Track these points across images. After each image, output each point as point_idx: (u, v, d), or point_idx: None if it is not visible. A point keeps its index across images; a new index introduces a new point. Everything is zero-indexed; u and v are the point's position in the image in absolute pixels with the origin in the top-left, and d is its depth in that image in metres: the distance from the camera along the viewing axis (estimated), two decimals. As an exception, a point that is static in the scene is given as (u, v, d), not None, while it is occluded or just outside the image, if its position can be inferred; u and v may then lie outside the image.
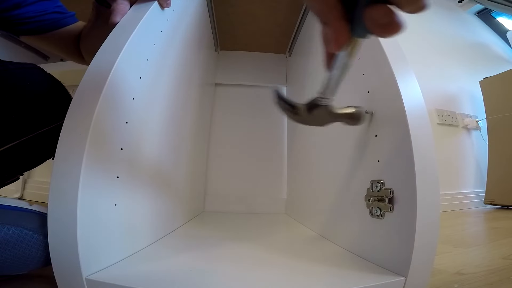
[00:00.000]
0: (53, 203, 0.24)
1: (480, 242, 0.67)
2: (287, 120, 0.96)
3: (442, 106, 1.43)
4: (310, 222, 0.56)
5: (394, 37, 0.16)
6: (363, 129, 0.36)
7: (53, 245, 0.24)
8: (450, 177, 1.35)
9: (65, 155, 0.24)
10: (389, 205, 0.29)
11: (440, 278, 0.39)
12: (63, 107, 0.39)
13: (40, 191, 0.98)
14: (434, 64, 1.52)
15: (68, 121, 0.26)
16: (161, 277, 0.26)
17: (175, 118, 0.50)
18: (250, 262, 0.32)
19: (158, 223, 0.42)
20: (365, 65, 0.36)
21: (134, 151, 0.33)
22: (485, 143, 1.42)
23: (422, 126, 0.28)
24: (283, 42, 0.91)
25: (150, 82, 0.37)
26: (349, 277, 0.27)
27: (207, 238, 0.46)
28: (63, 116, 0.27)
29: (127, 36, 0.31)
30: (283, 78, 0.98)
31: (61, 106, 0.39)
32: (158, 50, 0.39)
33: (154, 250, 0.35)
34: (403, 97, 0.28)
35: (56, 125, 0.37)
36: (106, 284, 0.23)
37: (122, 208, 0.30)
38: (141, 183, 0.36)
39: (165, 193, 0.45)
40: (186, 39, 0.55)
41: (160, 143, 0.42)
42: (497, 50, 1.94)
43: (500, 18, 1.96)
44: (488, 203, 1.31)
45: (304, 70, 0.71)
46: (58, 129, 0.36)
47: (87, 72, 0.28)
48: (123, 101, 0.31)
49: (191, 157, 0.64)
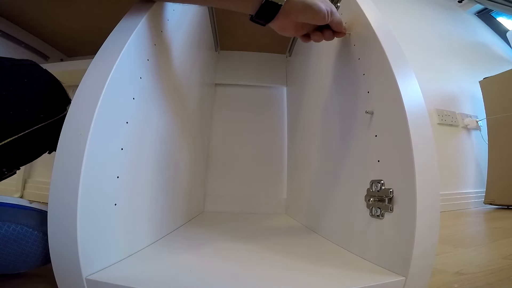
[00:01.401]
0: (53, 203, 0.24)
1: (480, 242, 0.67)
2: (287, 120, 0.96)
3: (442, 106, 1.43)
4: (310, 222, 0.56)
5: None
6: (363, 129, 0.36)
7: (53, 245, 0.24)
8: (450, 177, 1.35)
9: (65, 155, 0.24)
10: (389, 205, 0.29)
11: (440, 278, 0.39)
12: (60, 103, 0.40)
13: (40, 191, 0.98)
14: (434, 64, 1.52)
15: (69, 121, 0.26)
16: (161, 277, 0.26)
17: (175, 118, 0.50)
18: (250, 262, 0.32)
19: (158, 223, 0.42)
20: (365, 65, 0.36)
21: (134, 151, 0.33)
22: (485, 143, 1.42)
23: (422, 126, 0.28)
24: (283, 42, 0.91)
25: (150, 82, 0.37)
26: (349, 277, 0.27)
27: (207, 238, 0.46)
28: (60, 111, 0.27)
29: (127, 36, 0.31)
30: (283, 78, 0.98)
31: (57, 101, 0.39)
32: (158, 50, 0.39)
33: (154, 250, 0.36)
34: (403, 97, 0.28)
35: (53, 120, 0.38)
36: (106, 284, 0.23)
37: (122, 208, 0.30)
38: (141, 183, 0.36)
39: (165, 193, 0.45)
40: (186, 39, 0.55)
41: (160, 143, 0.42)
42: (497, 50, 1.94)
43: (500, 18, 1.96)
44: (488, 203, 1.31)
45: (304, 70, 0.71)
46: (55, 124, 0.36)
47: (87, 72, 0.28)
48: (123, 101, 0.31)
49: (191, 157, 0.64)
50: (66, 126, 0.25)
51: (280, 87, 1.00)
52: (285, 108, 0.98)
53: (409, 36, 1.50)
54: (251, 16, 0.36)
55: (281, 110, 0.98)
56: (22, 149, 0.36)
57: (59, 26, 0.79)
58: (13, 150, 0.34)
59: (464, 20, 1.88)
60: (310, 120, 0.63)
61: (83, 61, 0.79)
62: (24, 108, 0.35)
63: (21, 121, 0.34)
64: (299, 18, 0.35)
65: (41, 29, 0.80)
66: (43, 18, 0.74)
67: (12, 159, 0.36)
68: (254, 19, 0.36)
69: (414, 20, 1.59)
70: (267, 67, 0.98)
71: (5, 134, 0.33)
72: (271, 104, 0.99)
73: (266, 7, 0.34)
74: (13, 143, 0.34)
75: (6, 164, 0.36)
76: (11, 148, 0.34)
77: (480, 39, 1.89)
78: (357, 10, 0.38)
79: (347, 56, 0.42)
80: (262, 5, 0.33)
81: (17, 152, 0.35)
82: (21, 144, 0.35)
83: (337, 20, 0.37)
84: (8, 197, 0.33)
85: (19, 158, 0.37)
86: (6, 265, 0.31)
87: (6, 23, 0.74)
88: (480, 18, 1.96)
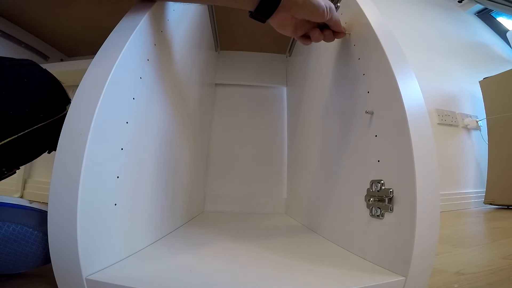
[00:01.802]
0: (53, 203, 0.24)
1: (480, 242, 0.67)
2: (287, 120, 0.96)
3: (442, 106, 1.43)
4: (310, 222, 0.56)
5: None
6: (363, 129, 0.36)
7: (53, 245, 0.24)
8: (450, 177, 1.35)
9: (65, 155, 0.24)
10: (389, 205, 0.29)
11: (440, 278, 0.39)
12: (60, 103, 0.40)
13: (40, 191, 0.98)
14: (434, 64, 1.52)
15: (69, 121, 0.26)
16: (161, 277, 0.26)
17: (175, 118, 0.50)
18: (250, 262, 0.32)
19: (158, 223, 0.42)
20: (365, 65, 0.36)
21: (134, 151, 0.33)
22: (485, 143, 1.42)
23: (422, 126, 0.28)
24: (283, 42, 0.91)
25: (150, 82, 0.37)
26: (349, 277, 0.27)
27: (207, 238, 0.46)
28: (60, 111, 0.27)
29: (127, 36, 0.31)
30: (283, 78, 0.98)
31: (57, 101, 0.40)
32: (158, 50, 0.39)
33: (154, 250, 0.36)
34: (403, 97, 0.28)
35: (53, 120, 0.38)
36: (106, 284, 0.23)
37: (122, 208, 0.30)
38: (141, 183, 0.36)
39: (165, 193, 0.45)
40: (186, 39, 0.55)
41: (160, 143, 0.42)
42: (497, 50, 1.94)
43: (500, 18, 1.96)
44: (488, 203, 1.31)
45: (304, 70, 0.71)
46: (55, 124, 0.36)
47: (87, 72, 0.28)
48: (123, 101, 0.31)
49: (191, 157, 0.64)
50: (66, 126, 0.25)
51: (280, 87, 1.00)
52: (285, 108, 0.98)
53: (409, 36, 1.50)
54: (251, 12, 0.36)
55: (281, 110, 0.98)
56: (22, 148, 0.36)
57: (59, 26, 0.79)
58: (12, 149, 0.34)
59: (464, 20, 1.88)
60: (310, 120, 0.63)
61: (83, 61, 0.79)
62: (24, 108, 0.35)
63: (21, 120, 0.34)
64: (299, 14, 0.36)
65: (41, 29, 0.80)
66: (43, 18, 0.74)
67: (12, 159, 0.36)
68: (253, 15, 0.36)
69: (414, 20, 1.59)
70: (267, 67, 0.98)
71: (4, 134, 0.33)
72: (271, 104, 0.99)
73: (266, 2, 0.34)
74: (12, 143, 0.34)
75: (5, 164, 0.36)
76: (11, 147, 0.34)
77: (480, 39, 1.89)
78: (357, 10, 0.38)
79: (347, 56, 0.42)
80: (262, 0, 0.34)
81: (17, 152, 0.35)
82: (21, 144, 0.35)
83: (336, 18, 0.38)
84: (8, 197, 0.33)
85: (19, 157, 0.37)
86: (6, 265, 0.31)
87: (6, 23, 0.74)
88: (480, 18, 1.96)
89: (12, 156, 0.35)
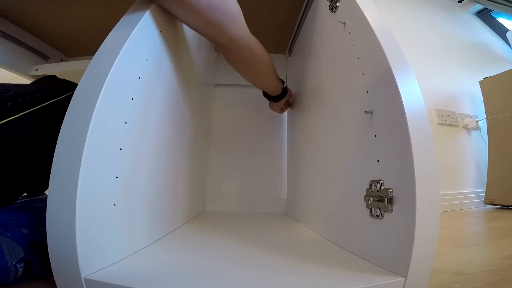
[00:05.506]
0: (52, 203, 0.24)
1: (480, 242, 0.67)
2: (287, 120, 0.96)
3: (442, 106, 1.43)
4: (310, 222, 0.56)
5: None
6: (363, 129, 0.36)
7: (52, 245, 0.24)
8: (450, 177, 1.35)
9: (63, 155, 0.24)
10: (388, 205, 0.29)
11: (440, 278, 0.39)
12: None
13: (40, 191, 0.98)
14: (434, 64, 1.52)
15: (67, 121, 0.26)
16: (161, 277, 0.26)
17: (175, 118, 0.50)
18: (250, 262, 0.32)
19: (158, 223, 0.42)
20: (364, 65, 0.36)
21: (133, 151, 0.33)
22: (485, 143, 1.42)
23: (422, 126, 0.27)
24: (283, 42, 0.91)
25: (149, 83, 0.37)
26: (348, 277, 0.27)
27: (207, 238, 0.45)
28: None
29: (126, 37, 0.31)
30: (283, 78, 0.97)
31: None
32: (157, 51, 0.39)
33: (154, 250, 0.35)
34: (403, 97, 0.28)
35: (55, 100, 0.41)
36: (105, 284, 0.23)
37: (121, 208, 0.30)
38: (140, 183, 0.35)
39: (165, 193, 0.45)
40: (186, 39, 0.56)
41: (160, 143, 0.42)
42: (497, 50, 1.94)
43: (500, 18, 1.96)
44: (488, 203, 1.31)
45: (304, 70, 0.71)
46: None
47: (86, 72, 0.28)
48: (122, 101, 0.31)
49: (191, 157, 0.64)
50: (64, 127, 0.25)
51: (280, 87, 1.00)
52: (285, 108, 0.98)
53: (408, 36, 1.51)
54: (266, 93, 0.76)
55: (281, 110, 0.98)
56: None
57: (60, 26, 0.78)
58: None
59: (464, 20, 1.88)
60: (309, 120, 0.63)
61: (83, 61, 0.78)
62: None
63: None
64: (289, 97, 0.77)
65: (41, 29, 0.80)
66: (43, 18, 0.74)
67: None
68: (276, 97, 0.74)
69: (413, 20, 1.59)
70: (267, 67, 0.98)
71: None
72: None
73: (284, 90, 0.72)
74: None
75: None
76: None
77: (480, 39, 1.89)
78: (357, 10, 0.38)
79: (346, 56, 0.42)
80: (283, 88, 0.72)
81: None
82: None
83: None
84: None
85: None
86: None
87: (6, 23, 0.74)
88: (480, 18, 1.96)
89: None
